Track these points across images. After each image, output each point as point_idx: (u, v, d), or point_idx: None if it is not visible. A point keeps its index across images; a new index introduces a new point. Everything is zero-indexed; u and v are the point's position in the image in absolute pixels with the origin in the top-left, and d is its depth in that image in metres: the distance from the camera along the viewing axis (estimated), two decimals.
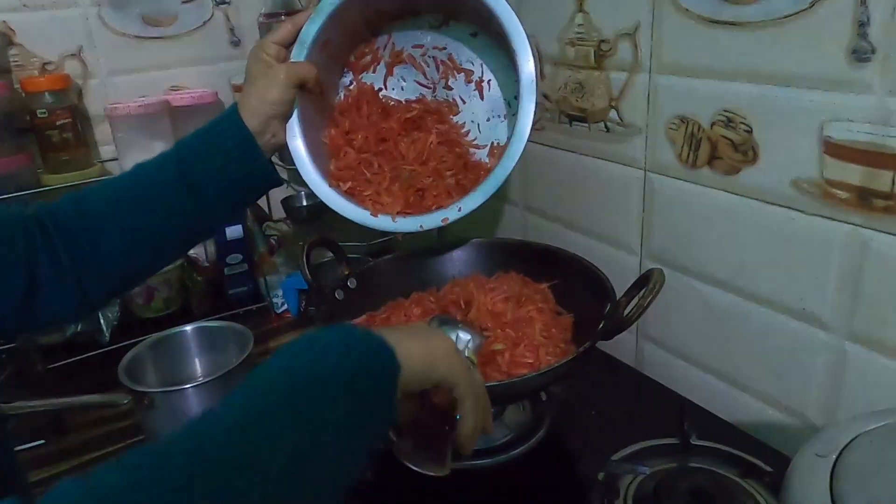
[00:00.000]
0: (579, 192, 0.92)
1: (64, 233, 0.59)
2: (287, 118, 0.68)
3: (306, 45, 0.69)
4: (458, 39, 0.77)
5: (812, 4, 0.59)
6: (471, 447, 0.51)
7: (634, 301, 0.65)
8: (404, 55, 0.78)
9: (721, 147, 0.71)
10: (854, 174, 0.59)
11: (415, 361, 0.45)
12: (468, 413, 0.49)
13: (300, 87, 0.67)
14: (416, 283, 0.86)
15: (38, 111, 1.03)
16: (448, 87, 0.79)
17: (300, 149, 0.71)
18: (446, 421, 0.52)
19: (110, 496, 0.33)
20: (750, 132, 0.67)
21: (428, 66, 0.79)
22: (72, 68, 1.12)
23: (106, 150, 1.15)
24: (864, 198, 0.59)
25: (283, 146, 0.69)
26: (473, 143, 0.78)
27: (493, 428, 0.53)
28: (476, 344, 0.63)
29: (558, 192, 0.96)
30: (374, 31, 0.78)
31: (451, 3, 0.74)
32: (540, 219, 1.02)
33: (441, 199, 0.73)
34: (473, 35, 0.76)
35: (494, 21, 0.67)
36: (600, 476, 0.64)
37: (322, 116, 0.76)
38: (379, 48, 0.79)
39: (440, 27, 0.77)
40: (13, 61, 1.07)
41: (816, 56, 0.60)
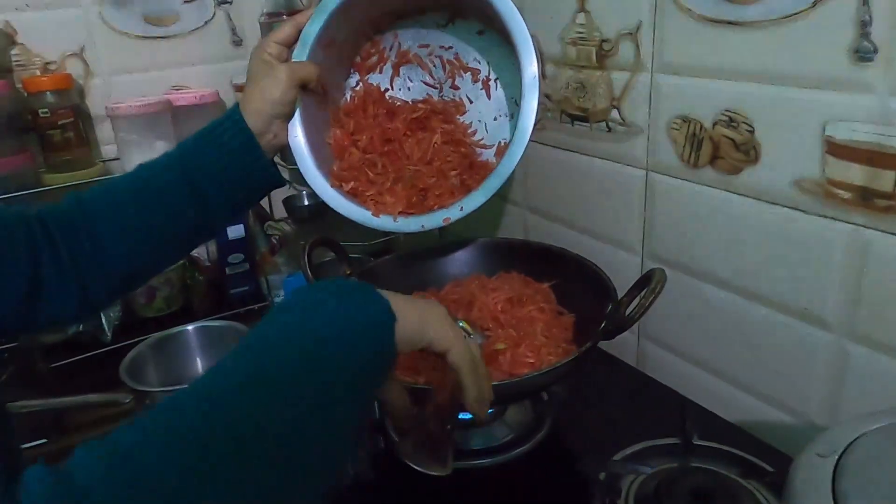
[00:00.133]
0: (581, 191, 0.92)
1: (66, 233, 0.59)
2: (289, 118, 0.68)
3: (308, 44, 0.68)
4: (465, 38, 0.77)
5: (814, 4, 0.59)
6: (483, 415, 0.51)
7: (636, 301, 0.65)
8: (410, 55, 0.78)
9: (723, 147, 0.71)
10: (856, 174, 0.59)
11: (408, 318, 0.46)
12: (468, 379, 0.49)
13: (302, 87, 0.67)
14: (418, 282, 0.86)
15: (39, 111, 1.03)
16: (455, 87, 0.78)
17: (302, 149, 0.71)
18: (448, 420, 0.53)
19: (132, 453, 0.34)
20: (752, 132, 0.67)
21: (434, 65, 0.78)
22: (73, 68, 1.12)
23: (108, 150, 1.16)
24: (866, 198, 0.59)
25: (285, 146, 0.69)
26: (480, 142, 0.78)
27: (492, 395, 0.54)
28: (478, 344, 0.63)
29: (560, 191, 0.96)
30: (378, 31, 0.78)
31: (456, 1, 0.74)
32: (541, 219, 1.02)
33: (444, 199, 0.73)
34: (480, 33, 0.76)
35: (498, 20, 0.67)
36: (602, 476, 0.64)
37: (325, 116, 0.76)
38: (385, 48, 0.78)
39: (446, 26, 0.77)
40: (15, 61, 1.08)
41: (819, 56, 0.60)
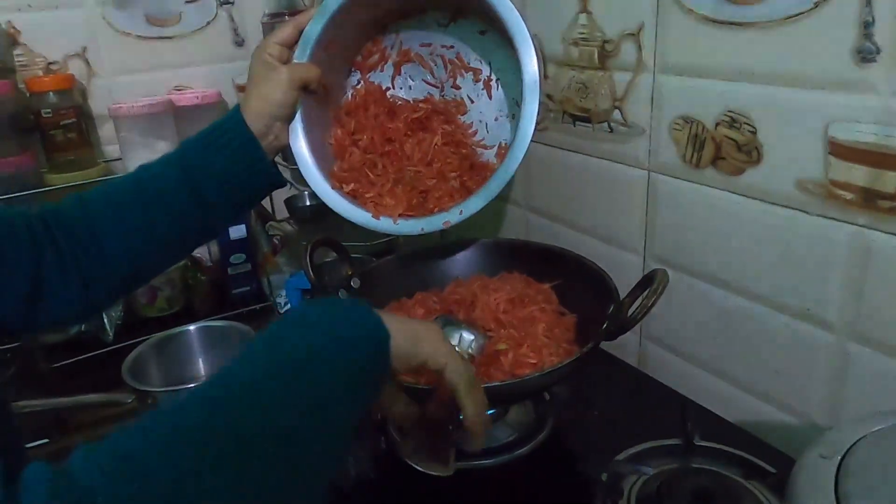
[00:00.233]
0: (582, 192, 0.92)
1: (68, 233, 0.59)
2: (290, 120, 0.68)
3: (309, 45, 0.68)
4: (467, 38, 0.76)
5: (817, 4, 0.59)
6: (481, 433, 0.50)
7: (638, 302, 0.65)
8: (412, 54, 0.78)
9: (725, 147, 0.70)
10: (859, 175, 0.59)
11: (402, 335, 0.46)
12: (465, 396, 0.49)
13: (303, 88, 0.67)
14: (420, 283, 0.85)
15: (42, 111, 1.03)
16: (456, 87, 0.78)
17: (303, 150, 0.71)
18: (449, 421, 0.53)
19: (134, 455, 0.34)
20: (754, 132, 0.67)
21: (436, 64, 0.78)
22: (76, 68, 1.13)
23: (110, 150, 1.16)
24: (868, 199, 0.59)
25: (286, 147, 0.69)
26: (481, 143, 0.78)
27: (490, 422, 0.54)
28: (480, 344, 0.63)
29: (561, 192, 0.96)
30: (380, 30, 0.78)
31: (458, 1, 0.74)
32: (543, 219, 1.02)
33: (443, 202, 0.73)
34: (482, 33, 0.75)
35: (499, 21, 0.67)
36: (603, 476, 0.63)
37: (325, 116, 0.76)
38: (386, 47, 0.78)
39: (448, 25, 0.76)
40: (18, 61, 1.08)
41: (821, 56, 0.60)
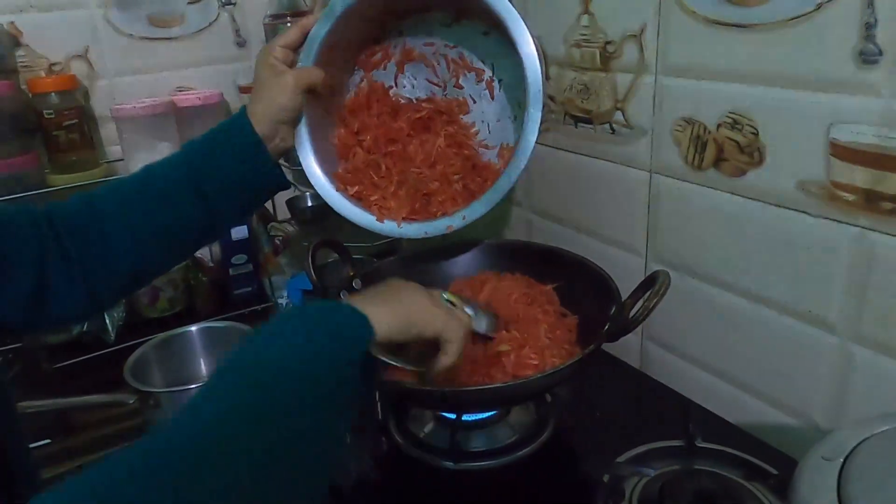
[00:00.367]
0: (584, 193, 0.92)
1: (74, 232, 0.59)
2: (296, 123, 0.68)
3: (314, 48, 0.68)
4: (470, 38, 0.76)
5: (819, 6, 0.59)
6: (441, 379, 0.52)
7: (640, 303, 0.64)
8: (415, 53, 0.78)
9: (727, 149, 0.70)
10: (861, 176, 0.59)
11: (389, 323, 0.46)
12: (452, 352, 0.50)
13: (308, 91, 0.67)
14: (421, 284, 0.85)
15: (44, 112, 1.03)
16: (458, 86, 0.78)
17: (308, 152, 0.71)
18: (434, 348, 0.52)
19: (112, 496, 0.33)
20: (756, 134, 0.67)
21: (438, 64, 0.78)
22: (78, 69, 1.13)
23: (112, 151, 1.16)
24: (870, 200, 0.59)
25: (291, 149, 0.69)
26: (483, 143, 0.78)
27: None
28: (485, 322, 0.62)
29: (563, 193, 0.96)
30: (384, 30, 0.78)
31: (461, 1, 0.74)
32: (545, 220, 1.02)
33: (447, 206, 0.73)
34: (485, 34, 0.75)
35: (503, 27, 0.67)
36: (605, 478, 0.64)
37: (329, 117, 0.76)
38: (389, 45, 0.78)
39: (451, 25, 0.76)
40: (20, 62, 1.08)
41: (823, 58, 0.60)
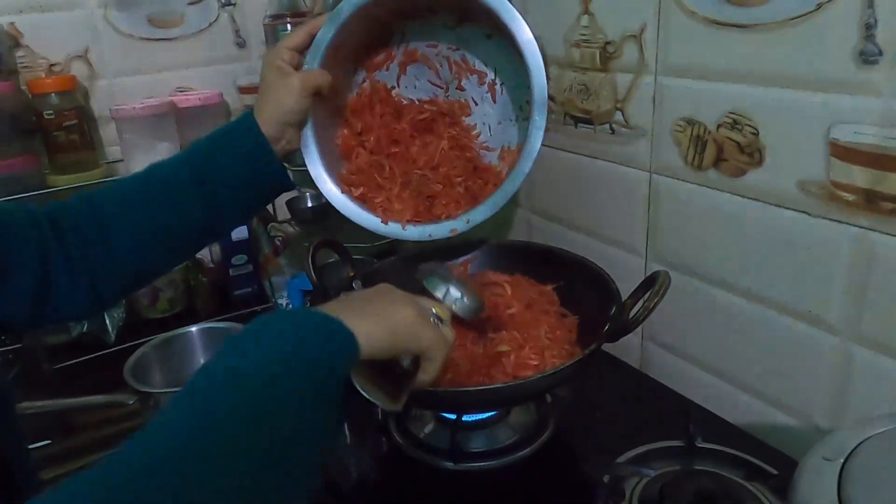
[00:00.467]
0: (584, 193, 0.92)
1: (76, 231, 0.59)
2: (303, 125, 0.69)
3: (321, 50, 0.69)
4: (473, 40, 0.76)
5: (819, 6, 0.59)
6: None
7: (640, 303, 0.64)
8: (418, 54, 0.78)
9: (727, 149, 0.70)
10: (861, 176, 0.59)
11: (375, 339, 0.45)
12: (431, 371, 0.50)
13: (315, 93, 0.68)
14: (420, 284, 0.85)
15: (44, 112, 1.03)
16: (461, 88, 0.78)
17: (314, 154, 0.71)
18: (407, 370, 0.50)
19: None
20: (756, 134, 0.67)
21: (441, 65, 0.78)
22: (78, 70, 1.13)
23: (112, 152, 1.16)
24: (871, 200, 0.59)
25: (297, 151, 0.70)
26: (484, 145, 0.78)
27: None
28: (466, 305, 0.58)
29: (563, 193, 0.96)
30: (388, 31, 0.78)
31: (465, 4, 0.74)
32: (545, 220, 1.02)
33: (450, 209, 0.74)
34: (488, 37, 0.76)
35: (507, 33, 0.67)
36: (605, 478, 0.64)
37: (333, 118, 0.76)
38: (392, 46, 0.78)
39: (454, 27, 0.77)
40: (20, 63, 1.08)
41: (823, 58, 0.60)
